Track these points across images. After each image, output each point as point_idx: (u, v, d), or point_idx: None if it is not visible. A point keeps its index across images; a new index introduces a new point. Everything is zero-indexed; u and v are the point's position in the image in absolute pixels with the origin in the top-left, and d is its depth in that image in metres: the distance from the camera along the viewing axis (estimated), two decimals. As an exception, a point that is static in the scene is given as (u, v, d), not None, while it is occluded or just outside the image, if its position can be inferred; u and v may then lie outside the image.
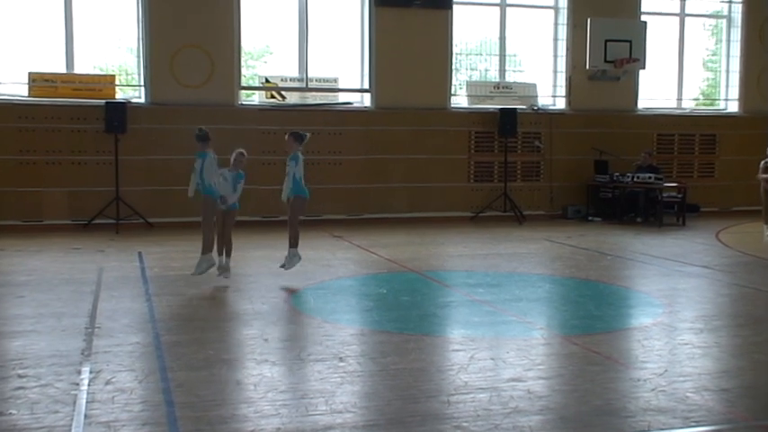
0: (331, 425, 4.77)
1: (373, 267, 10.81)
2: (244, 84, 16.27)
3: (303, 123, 15.98)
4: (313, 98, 16.45)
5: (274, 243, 13.00)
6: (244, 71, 16.40)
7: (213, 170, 9.27)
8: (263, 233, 14.17)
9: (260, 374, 5.76)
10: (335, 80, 16.66)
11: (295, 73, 16.38)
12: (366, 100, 16.68)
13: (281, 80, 16.33)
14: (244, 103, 16.18)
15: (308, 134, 9.71)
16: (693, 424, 4.81)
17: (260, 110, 16.06)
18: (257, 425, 4.75)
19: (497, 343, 6.86)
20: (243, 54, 16.27)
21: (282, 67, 16.70)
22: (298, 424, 4.77)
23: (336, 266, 10.72)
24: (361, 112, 16.53)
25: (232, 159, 9.81)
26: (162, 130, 15.27)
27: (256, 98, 16.45)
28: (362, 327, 7.50)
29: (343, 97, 16.73)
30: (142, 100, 15.50)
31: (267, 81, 16.30)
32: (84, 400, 5.12)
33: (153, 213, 15.10)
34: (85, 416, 4.85)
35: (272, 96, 16.27)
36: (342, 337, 6.91)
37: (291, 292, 8.76)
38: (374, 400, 5.30)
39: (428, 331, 7.35)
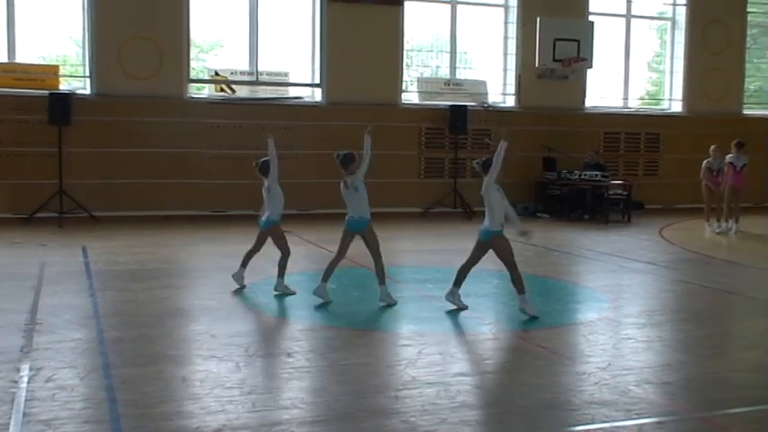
0: (278, 421, 4.74)
1: (323, 263, 10.69)
2: (193, 76, 16.10)
3: (253, 117, 15.91)
4: (263, 92, 16.33)
5: (223, 238, 12.91)
6: (193, 64, 16.22)
7: None
8: (212, 228, 14.03)
9: (206, 371, 5.69)
10: (286, 74, 16.57)
11: (245, 66, 16.24)
12: (317, 95, 16.63)
13: (232, 73, 16.18)
14: (193, 96, 15.99)
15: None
16: (635, 416, 4.89)
17: (209, 103, 15.90)
18: (202, 421, 4.70)
19: (446, 338, 6.89)
20: (193, 46, 16.08)
21: (233, 60, 16.56)
22: (244, 420, 4.73)
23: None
24: (312, 107, 16.47)
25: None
26: (108, 122, 15.02)
27: (206, 91, 16.27)
28: (311, 322, 7.47)
29: (293, 92, 16.65)
30: (87, 91, 15.22)
31: (217, 74, 16.14)
32: (24, 398, 5.01)
33: (98, 207, 14.84)
34: (24, 414, 4.74)
35: (222, 90, 16.11)
36: (290, 333, 6.89)
37: (240, 288, 8.68)
38: (322, 396, 5.28)
39: (377, 327, 7.36)
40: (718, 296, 9.09)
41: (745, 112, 20.14)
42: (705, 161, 14.90)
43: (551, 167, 17.38)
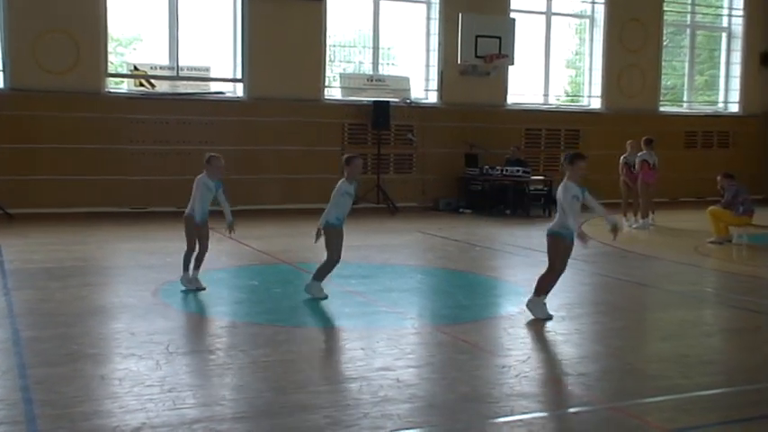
0: (198, 418, 4.68)
1: (245, 259, 10.69)
2: (111, 71, 15.74)
3: (173, 112, 15.65)
4: (184, 87, 16.07)
5: (143, 235, 12.67)
6: (112, 58, 15.87)
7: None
8: (132, 225, 13.75)
9: (126, 369, 5.58)
10: (207, 69, 16.36)
11: (166, 61, 15.95)
12: (239, 90, 16.45)
13: (151, 68, 15.88)
14: (111, 90, 15.63)
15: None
16: (553, 407, 5.00)
17: (128, 98, 15.57)
18: (121, 420, 4.61)
19: (368, 333, 6.91)
20: (111, 40, 15.72)
21: (152, 54, 16.24)
22: (164, 418, 4.66)
23: (208, 258, 10.50)
24: (233, 102, 16.29)
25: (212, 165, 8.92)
26: (24, 117, 14.57)
27: (125, 86, 15.92)
28: (233, 319, 7.40)
29: (215, 87, 16.44)
30: (1, 86, 14.73)
31: (136, 69, 15.81)
32: (-67, 402, 4.83)
33: (14, 204, 14.37)
34: (-67, 418, 4.57)
35: (141, 84, 15.80)
36: (212, 330, 6.81)
37: (160, 285, 8.53)
38: (243, 393, 5.24)
39: (299, 323, 7.33)
40: (634, 289, 9.35)
41: (661, 109, 20.76)
42: (622, 157, 15.31)
43: (473, 163, 17.60)
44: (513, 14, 18.41)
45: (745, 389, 5.54)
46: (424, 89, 18.09)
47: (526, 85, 19.18)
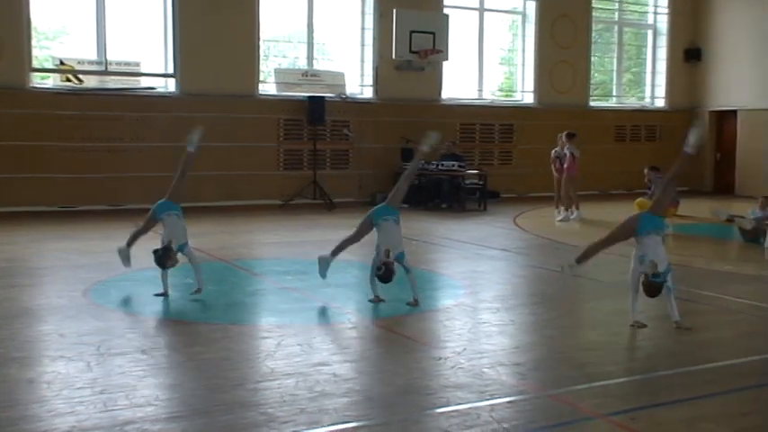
0: (131, 419, 4.60)
1: (179, 257, 10.50)
2: (36, 65, 15.33)
3: (103, 109, 15.33)
4: (113, 82, 15.75)
5: (73, 234, 12.38)
6: (36, 52, 15.44)
7: None
8: (60, 224, 13.42)
9: (54, 372, 5.45)
10: (137, 64, 16.05)
11: (93, 55, 15.59)
12: (171, 85, 16.20)
13: (78, 63, 15.51)
14: (36, 86, 15.22)
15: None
16: (488, 397, 5.05)
17: (55, 94, 15.19)
18: (50, 424, 4.50)
19: (305, 329, 6.88)
20: (35, 34, 15.29)
21: (79, 48, 15.85)
22: (95, 421, 4.56)
23: (140, 257, 10.23)
24: (165, 98, 16.04)
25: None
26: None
27: (51, 81, 15.52)
28: (167, 318, 7.29)
29: (145, 82, 16.15)
30: None
31: (62, 63, 15.42)
32: None
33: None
34: None
35: (68, 80, 15.42)
36: (144, 330, 6.69)
37: (91, 286, 8.35)
38: (178, 392, 5.16)
39: (235, 320, 7.26)
40: (566, 280, 9.47)
41: (591, 104, 21.16)
42: (553, 150, 15.56)
43: (409, 158, 17.60)
44: (446, 10, 18.53)
45: (670, 373, 5.69)
46: (359, 84, 18.09)
47: (461, 81, 19.34)
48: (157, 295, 7.85)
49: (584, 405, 4.99)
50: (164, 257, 7.87)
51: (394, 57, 17.62)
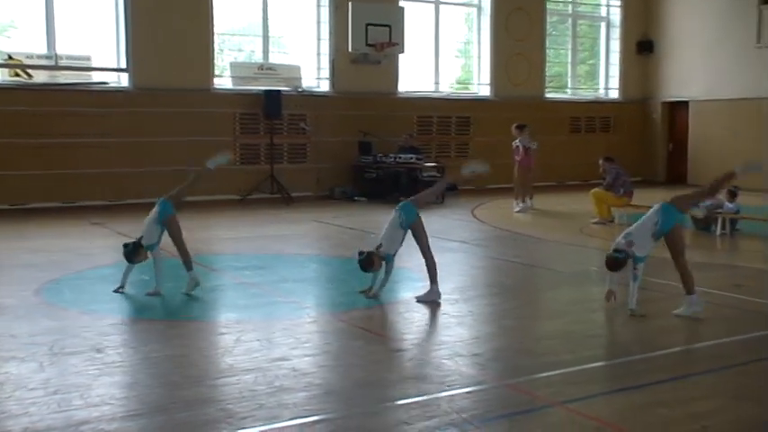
0: (86, 419, 4.53)
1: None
2: (-16, 60, 15.00)
3: (53, 104, 15.06)
4: (64, 77, 15.47)
5: (24, 233, 12.15)
6: (-16, 47, 15.11)
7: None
8: (10, 222, 13.16)
9: (6, 373, 5.34)
10: (88, 58, 15.78)
11: (43, 50, 15.30)
12: (124, 80, 15.96)
13: (27, 57, 15.21)
14: (-16, 81, 14.91)
15: None
16: (447, 388, 5.07)
17: (3, 89, 14.88)
18: (3, 426, 4.41)
19: (264, 324, 6.85)
20: (-17, 28, 14.98)
21: (28, 42, 15.53)
22: (49, 421, 4.49)
23: (95, 255, 10.19)
24: (118, 93, 15.80)
25: None
26: None
27: (-1, 76, 15.22)
28: (123, 316, 7.19)
29: (98, 77, 15.89)
30: None
31: (10, 58, 15.09)
32: None
33: None
34: None
35: (17, 75, 15.11)
36: (100, 328, 6.58)
37: (43, 285, 8.20)
38: (135, 390, 5.10)
39: (192, 317, 7.19)
40: (524, 270, 9.59)
41: (547, 96, 21.34)
42: (514, 143, 15.65)
43: (367, 151, 17.66)
44: (402, 3, 18.55)
45: (625, 360, 5.79)
46: (315, 78, 18.01)
47: (417, 74, 19.37)
48: (116, 291, 7.75)
49: (541, 393, 5.04)
50: (133, 253, 7.78)
51: (350, 50, 17.58)
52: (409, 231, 7.75)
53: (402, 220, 7.70)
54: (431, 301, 7.47)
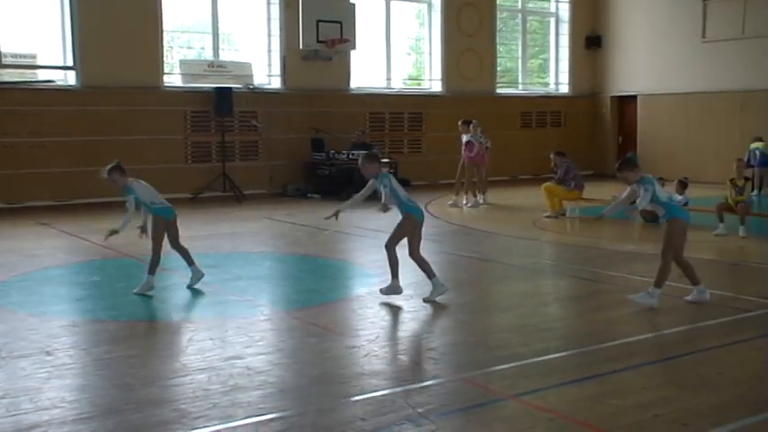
0: (36, 423, 4.45)
1: (85, 255, 10.24)
2: (-77, 59, 14.62)
3: (-1, 103, 14.74)
4: (9, 75, 15.14)
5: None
6: None
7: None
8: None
9: (-47, 378, 5.22)
10: (34, 56, 15.46)
11: (-14, 48, 14.96)
12: (70, 78, 15.68)
13: (-30, 56, 14.86)
14: (-75, 80, 14.52)
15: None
16: (402, 383, 5.08)
17: (-53, 88, 14.53)
18: (-51, 432, 4.31)
19: (217, 323, 6.80)
20: None
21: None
22: (-2, 426, 4.40)
23: (43, 256, 10.00)
24: (65, 91, 15.52)
25: None
26: None
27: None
28: (73, 317, 7.07)
29: (43, 75, 15.59)
30: None
31: (-47, 56, 14.75)
32: None
33: None
34: None
35: (-40, 73, 14.76)
36: (49, 330, 6.46)
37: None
38: (86, 392, 5.02)
39: (145, 317, 7.11)
40: (477, 264, 9.67)
41: (498, 91, 21.50)
42: (462, 136, 15.73)
43: (320, 148, 17.60)
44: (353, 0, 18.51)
45: (578, 351, 5.86)
46: (266, 75, 17.90)
47: (369, 70, 19.36)
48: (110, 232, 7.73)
49: (496, 387, 5.08)
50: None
51: (301, 46, 17.51)
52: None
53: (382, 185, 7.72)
54: (392, 294, 7.47)
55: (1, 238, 11.29)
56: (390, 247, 7.61)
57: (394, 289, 7.52)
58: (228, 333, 6.39)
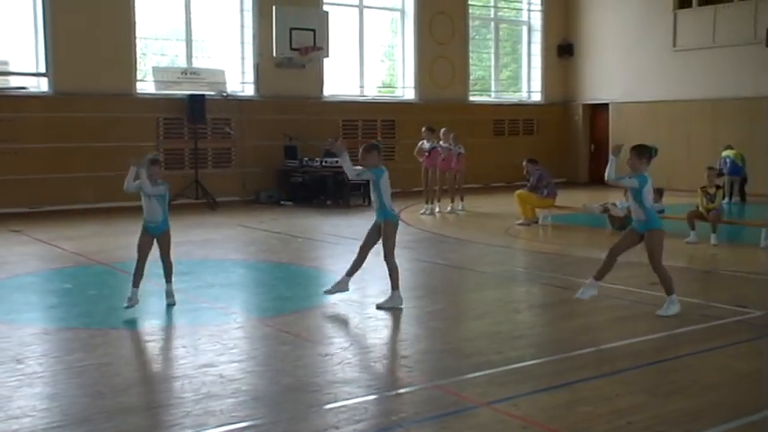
0: (6, 432, 4.42)
1: (57, 262, 10.16)
2: None
3: (-31, 109, 14.58)
4: (-20, 82, 15.01)
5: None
6: None
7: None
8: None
9: None
10: (6, 63, 15.34)
11: (-43, 55, 14.81)
12: (43, 84, 15.55)
13: (-59, 62, 14.71)
14: None
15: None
16: (375, 391, 5.11)
17: None
18: None
19: (190, 331, 6.78)
20: None
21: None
22: (-33, 436, 4.36)
23: (14, 263, 9.92)
24: (37, 98, 15.40)
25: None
26: None
27: None
28: (44, 325, 7.02)
29: (15, 81, 15.44)
30: None
31: (-77, 62, 14.58)
32: None
33: None
34: None
35: (-70, 80, 14.59)
36: (20, 338, 6.41)
37: (-41, 295, 7.94)
38: (57, 401, 4.99)
39: (117, 325, 7.05)
40: (450, 272, 9.71)
41: (471, 99, 21.62)
42: (420, 143, 15.79)
43: (293, 155, 17.60)
44: (326, 7, 18.55)
45: (551, 359, 5.91)
46: (240, 82, 17.87)
47: (342, 78, 19.39)
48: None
49: (467, 394, 5.12)
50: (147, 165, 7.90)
51: (275, 54, 17.51)
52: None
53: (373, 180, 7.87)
54: (392, 307, 7.41)
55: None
56: (389, 258, 7.59)
57: (395, 300, 7.47)
58: (201, 341, 6.37)
